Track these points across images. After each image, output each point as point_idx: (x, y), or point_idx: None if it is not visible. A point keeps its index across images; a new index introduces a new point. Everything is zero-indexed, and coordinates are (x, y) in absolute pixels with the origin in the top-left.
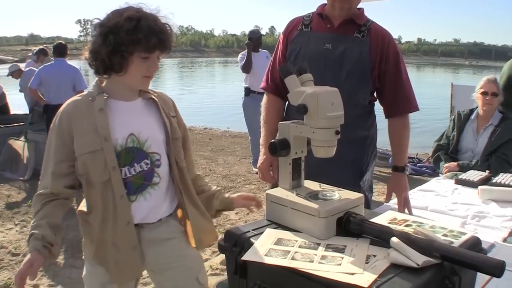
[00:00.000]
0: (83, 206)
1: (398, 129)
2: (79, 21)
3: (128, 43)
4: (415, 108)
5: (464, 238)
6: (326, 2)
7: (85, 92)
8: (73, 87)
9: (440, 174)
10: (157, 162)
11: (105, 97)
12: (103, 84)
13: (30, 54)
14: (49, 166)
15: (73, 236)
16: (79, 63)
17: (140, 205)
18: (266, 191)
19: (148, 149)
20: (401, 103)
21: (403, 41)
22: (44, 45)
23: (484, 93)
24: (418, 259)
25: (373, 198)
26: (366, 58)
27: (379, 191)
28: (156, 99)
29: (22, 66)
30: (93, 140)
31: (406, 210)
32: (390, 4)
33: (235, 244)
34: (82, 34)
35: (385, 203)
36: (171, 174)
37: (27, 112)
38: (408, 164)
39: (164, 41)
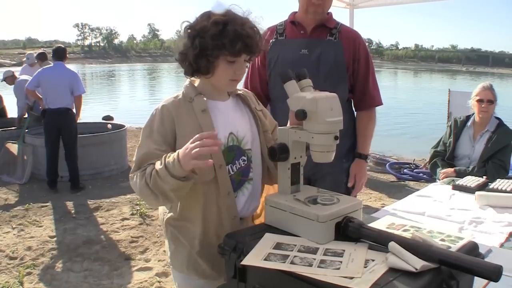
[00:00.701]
0: (171, 214)
1: (365, 121)
2: (76, 25)
3: (213, 47)
4: (379, 103)
5: (461, 243)
6: (297, 10)
7: (178, 93)
8: (71, 92)
9: (437, 180)
10: (252, 158)
11: (205, 99)
12: (196, 85)
13: (25, 59)
14: (143, 150)
15: (70, 240)
16: (76, 67)
17: (239, 200)
18: (265, 196)
19: (244, 146)
20: (367, 98)
21: (400, 47)
22: (42, 48)
23: (479, 101)
24: (416, 263)
25: (370, 203)
26: (341, 59)
27: (376, 197)
28: (243, 95)
29: (17, 70)
30: None
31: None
32: (388, 10)
33: (235, 248)
34: (79, 38)
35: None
36: (263, 169)
37: (19, 116)
38: (369, 155)
39: (250, 46)
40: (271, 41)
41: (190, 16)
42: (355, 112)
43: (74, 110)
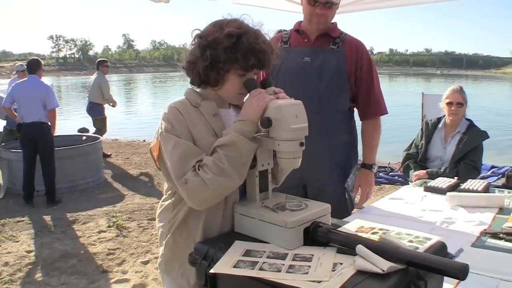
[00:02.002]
0: (175, 219)
1: (370, 131)
2: (51, 37)
3: (225, 60)
4: (384, 111)
5: (429, 243)
6: (302, 19)
7: (181, 99)
8: (44, 105)
9: (409, 183)
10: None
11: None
12: (199, 91)
13: (15, 72)
14: (178, 152)
15: (47, 255)
16: (52, 79)
17: None
18: (234, 204)
19: None
20: (372, 107)
21: (375, 51)
22: (16, 61)
23: (449, 103)
24: (383, 265)
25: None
26: (342, 67)
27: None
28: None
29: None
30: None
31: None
32: (362, 16)
33: (205, 257)
34: (54, 50)
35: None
36: None
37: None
38: (375, 164)
39: (263, 61)
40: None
41: (164, 26)
42: (361, 122)
43: (49, 123)
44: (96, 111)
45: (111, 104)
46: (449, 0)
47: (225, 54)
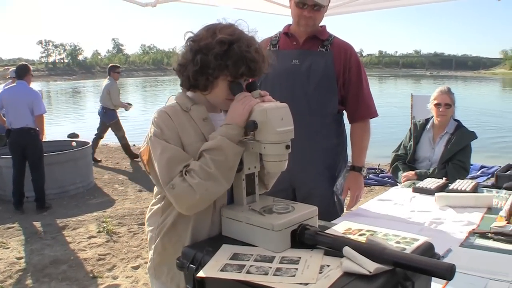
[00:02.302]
0: (164, 223)
1: (359, 133)
2: (40, 42)
3: (215, 67)
4: (374, 114)
5: (416, 244)
6: (291, 22)
7: (171, 104)
8: (32, 111)
9: (398, 184)
10: None
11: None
12: (189, 95)
13: (9, 77)
14: (166, 157)
15: (37, 261)
16: (41, 85)
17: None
18: (221, 208)
19: None
20: (362, 110)
21: (364, 54)
22: (6, 66)
23: (437, 105)
24: (370, 266)
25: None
26: (331, 69)
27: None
28: None
29: None
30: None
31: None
32: (351, 18)
33: (192, 261)
34: (43, 55)
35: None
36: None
37: None
38: (364, 167)
39: (253, 70)
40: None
41: (153, 30)
42: (350, 124)
43: (38, 129)
44: (109, 116)
45: (124, 108)
46: (438, 1)
47: (215, 60)
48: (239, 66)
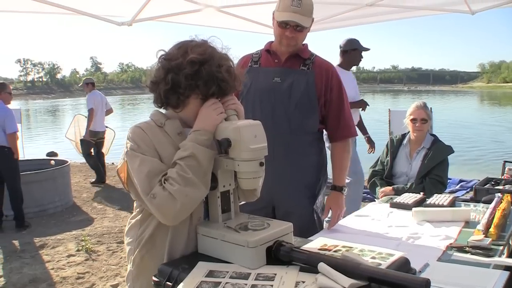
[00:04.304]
0: (142, 235)
1: (340, 153)
2: (18, 61)
3: (186, 87)
4: (354, 134)
5: (392, 259)
6: (273, 39)
7: (148, 120)
8: (3, 130)
9: (376, 199)
10: None
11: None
12: (164, 112)
13: None
14: (145, 169)
15: (16, 280)
16: (20, 103)
17: None
18: (197, 225)
19: None
20: (342, 129)
21: None
22: None
23: (413, 120)
24: (345, 282)
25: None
26: (312, 88)
27: None
28: None
29: None
30: None
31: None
32: (326, 34)
33: (169, 278)
34: (22, 73)
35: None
36: None
37: None
38: (345, 186)
39: (224, 89)
40: (245, 69)
41: (131, 48)
42: (330, 144)
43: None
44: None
45: None
46: (413, 16)
47: (186, 81)
48: (210, 86)
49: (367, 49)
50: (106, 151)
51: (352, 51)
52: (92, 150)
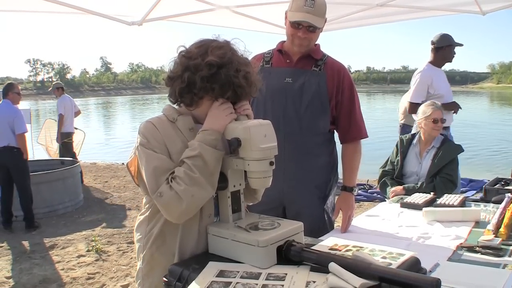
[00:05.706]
0: (150, 232)
1: (350, 154)
2: (28, 61)
3: (201, 88)
4: (365, 135)
5: (402, 259)
6: (285, 39)
7: (160, 115)
8: (13, 130)
9: (386, 199)
10: None
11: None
12: (177, 108)
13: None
14: (152, 165)
15: (26, 280)
16: (30, 103)
17: None
18: (207, 225)
19: None
20: (353, 131)
21: (352, 70)
22: None
23: (435, 120)
24: (355, 282)
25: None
26: (323, 89)
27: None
28: None
29: None
30: None
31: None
32: (338, 34)
33: (179, 278)
34: (31, 74)
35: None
36: None
37: None
38: (356, 187)
39: (239, 95)
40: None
41: (142, 48)
42: (341, 145)
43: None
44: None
45: None
46: (423, 17)
47: (202, 82)
48: (226, 90)
49: (460, 45)
50: (78, 151)
51: (447, 47)
52: (75, 151)
